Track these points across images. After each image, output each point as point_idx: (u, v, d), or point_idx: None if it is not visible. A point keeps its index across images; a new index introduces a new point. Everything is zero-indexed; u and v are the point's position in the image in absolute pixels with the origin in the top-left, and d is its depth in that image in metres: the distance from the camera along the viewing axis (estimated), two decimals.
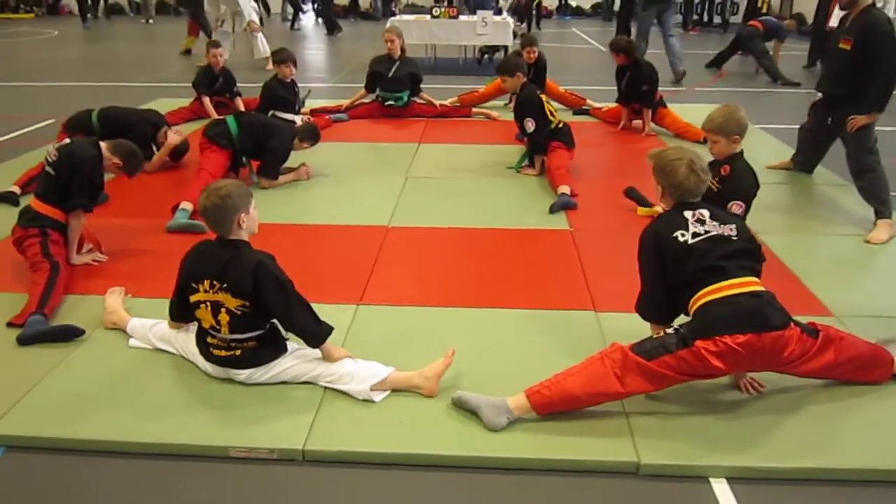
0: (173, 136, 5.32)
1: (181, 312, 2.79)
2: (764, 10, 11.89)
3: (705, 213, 2.59)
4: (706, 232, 2.54)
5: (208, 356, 2.70)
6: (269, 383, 2.68)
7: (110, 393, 2.65)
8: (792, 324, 2.46)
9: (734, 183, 3.40)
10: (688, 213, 2.59)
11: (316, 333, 2.64)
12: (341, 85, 9.28)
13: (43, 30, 15.92)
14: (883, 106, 4.32)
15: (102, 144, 3.72)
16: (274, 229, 3.90)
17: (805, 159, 5.30)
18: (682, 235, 2.54)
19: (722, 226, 2.57)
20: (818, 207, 4.79)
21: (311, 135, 5.12)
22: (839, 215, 4.57)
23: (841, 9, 4.66)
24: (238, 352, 2.63)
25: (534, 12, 15.05)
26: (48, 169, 3.62)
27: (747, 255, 2.56)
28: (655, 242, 2.60)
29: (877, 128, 4.46)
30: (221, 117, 5.22)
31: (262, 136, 4.93)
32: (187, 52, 11.85)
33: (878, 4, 7.96)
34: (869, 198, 4.40)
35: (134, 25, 17.38)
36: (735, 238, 2.55)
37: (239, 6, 10.13)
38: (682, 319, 2.58)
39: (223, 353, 2.65)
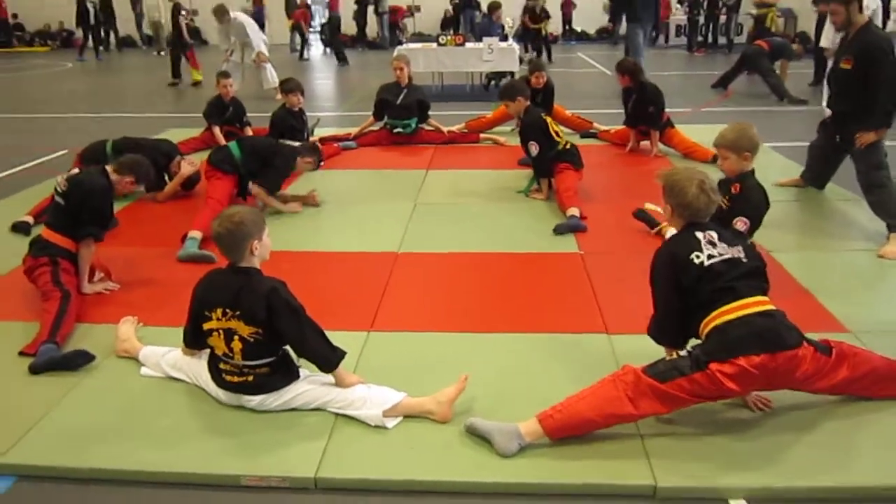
0: (187, 167, 5.37)
1: (194, 340, 2.79)
2: (772, 30, 11.93)
3: (714, 234, 2.59)
4: (720, 254, 2.53)
5: (220, 382, 2.70)
6: (281, 410, 2.67)
7: (122, 422, 2.64)
8: (805, 342, 2.43)
9: (744, 201, 3.40)
10: (699, 234, 2.59)
11: (329, 359, 2.63)
12: (350, 113, 9.36)
13: (57, 62, 16.20)
14: (890, 122, 4.34)
15: (108, 168, 3.74)
16: (284, 256, 3.91)
17: (815, 175, 5.29)
18: (698, 257, 2.53)
19: (730, 248, 2.56)
20: (830, 223, 4.77)
21: (313, 151, 5.16)
22: (851, 230, 4.55)
23: (837, 30, 4.69)
24: (250, 378, 2.63)
25: (542, 44, 15.12)
26: (58, 199, 3.65)
27: (756, 275, 2.56)
28: (671, 264, 2.59)
29: (886, 143, 4.46)
30: (224, 144, 5.25)
31: (267, 156, 4.96)
32: (197, 83, 12.07)
33: (866, 14, 8.03)
34: (880, 212, 4.38)
35: (146, 58, 17.64)
36: (744, 259, 2.54)
37: (248, 37, 10.28)
38: (694, 341, 2.56)
39: (235, 378, 2.65)
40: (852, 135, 4.44)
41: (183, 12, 12.03)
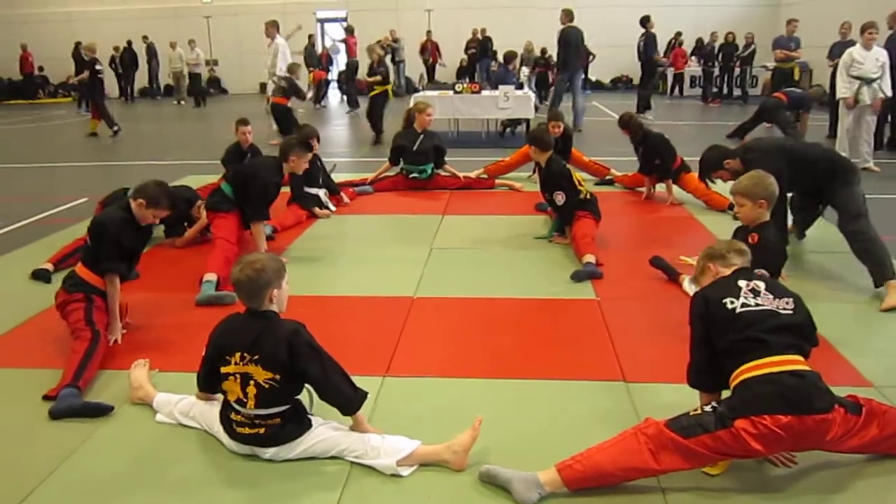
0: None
1: (208, 384, 2.78)
2: (798, 81, 12.00)
3: (761, 284, 2.57)
4: (757, 304, 2.50)
5: (233, 434, 2.67)
6: (295, 459, 2.64)
7: (136, 472, 2.62)
8: (836, 405, 2.37)
9: (762, 252, 3.38)
10: (742, 283, 2.58)
11: (353, 400, 2.62)
12: (366, 159, 9.47)
13: (80, 112, 16.51)
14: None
15: (130, 199, 3.70)
16: (300, 301, 3.89)
17: (799, 219, 5.30)
18: (732, 303, 2.51)
19: (777, 299, 2.53)
20: (831, 273, 4.69)
21: (300, 146, 4.98)
22: (857, 280, 4.43)
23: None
24: (262, 430, 2.61)
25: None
26: (88, 241, 3.70)
27: (794, 331, 2.49)
28: (704, 307, 2.58)
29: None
30: (217, 186, 5.25)
31: (246, 185, 4.87)
32: (93, 134, 12.31)
33: (848, 37, 8.09)
34: (867, 260, 4.31)
35: (167, 107, 17.98)
36: (785, 313, 2.50)
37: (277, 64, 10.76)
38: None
39: (247, 430, 2.63)
40: (831, 195, 4.55)
41: (98, 67, 12.35)
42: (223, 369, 2.62)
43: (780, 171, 4.03)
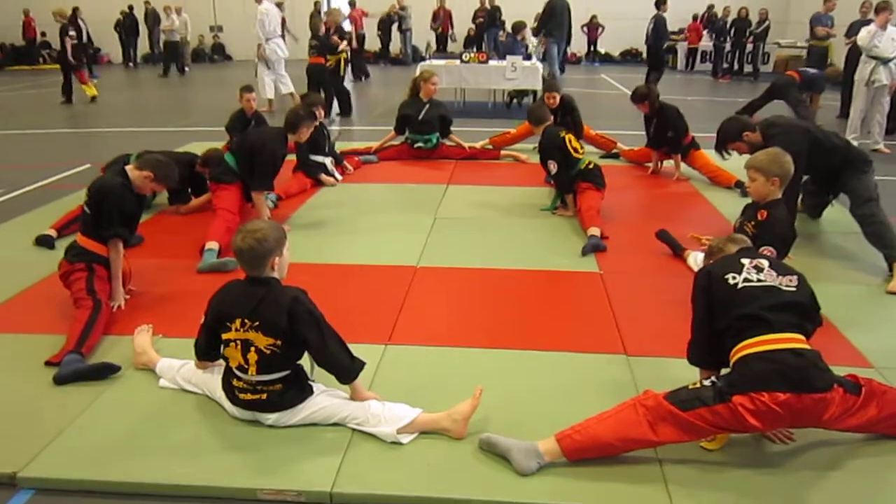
0: None
1: (207, 351, 2.80)
2: (830, 62, 11.84)
3: (764, 262, 2.56)
4: (759, 280, 2.50)
5: (234, 400, 2.69)
6: (297, 425, 2.66)
7: (139, 435, 2.65)
8: (835, 385, 2.37)
9: (770, 229, 3.36)
10: (745, 260, 2.57)
11: (349, 369, 2.63)
12: (371, 127, 9.42)
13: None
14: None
15: (129, 167, 3.73)
16: (303, 269, 3.92)
17: (813, 204, 5.28)
18: (734, 278, 2.51)
19: (780, 277, 2.52)
20: (844, 253, 4.67)
21: (294, 123, 4.90)
22: (867, 261, 4.42)
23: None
24: (264, 395, 2.63)
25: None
26: (85, 208, 3.69)
27: (796, 310, 2.47)
28: (707, 283, 2.58)
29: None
30: (221, 156, 5.25)
31: (252, 155, 4.85)
32: (93, 99, 12.23)
33: (862, 34, 7.98)
34: (876, 243, 4.32)
35: (170, 73, 17.84)
36: (787, 290, 2.49)
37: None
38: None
39: (249, 396, 2.65)
40: (844, 182, 4.55)
41: (71, 33, 12.05)
42: (224, 336, 2.63)
43: (800, 152, 4.00)
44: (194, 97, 13.84)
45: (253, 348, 2.57)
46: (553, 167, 5.25)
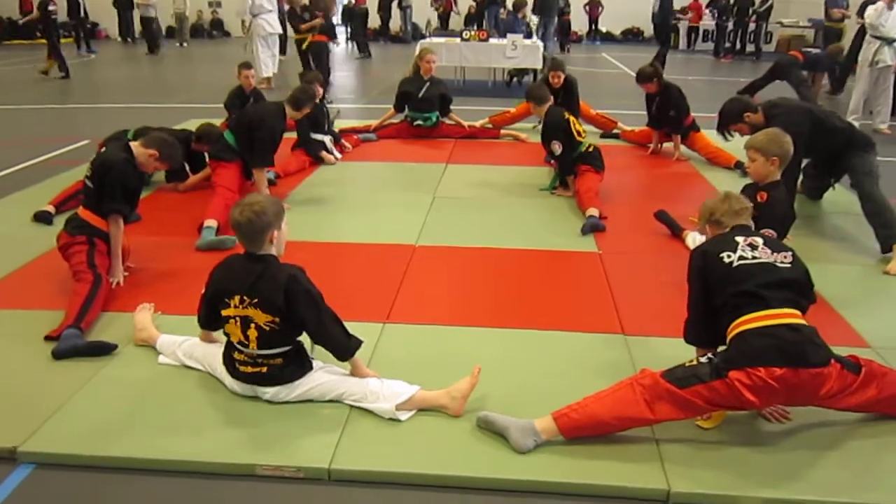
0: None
1: (209, 322, 2.81)
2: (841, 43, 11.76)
3: (759, 240, 2.56)
4: (754, 258, 2.50)
5: (235, 373, 2.70)
6: (295, 401, 2.67)
7: (139, 411, 2.66)
8: (833, 360, 2.38)
9: (770, 211, 3.36)
10: (740, 238, 2.57)
11: (346, 347, 2.64)
12: (370, 105, 9.37)
13: (80, 54, 16.28)
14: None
15: (133, 144, 3.73)
16: (301, 246, 3.92)
17: (813, 186, 5.27)
18: (728, 257, 2.51)
19: (775, 254, 2.52)
20: (842, 234, 4.68)
21: (299, 100, 4.91)
22: (867, 242, 4.42)
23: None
24: (264, 368, 2.64)
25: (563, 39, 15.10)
26: (87, 183, 3.67)
27: (792, 287, 2.48)
28: (702, 262, 2.59)
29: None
30: (216, 132, 5.23)
31: (252, 129, 4.82)
32: (45, 73, 12.22)
33: (869, 10, 7.92)
34: (875, 223, 4.31)
35: (169, 49, 17.72)
36: (783, 267, 2.49)
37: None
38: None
39: (249, 369, 2.66)
40: (845, 162, 4.55)
41: (51, 7, 11.95)
42: (224, 312, 2.64)
43: (802, 133, 3.97)
44: (192, 73, 13.76)
45: (253, 325, 2.58)
46: (557, 147, 5.23)
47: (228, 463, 2.39)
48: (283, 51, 13.25)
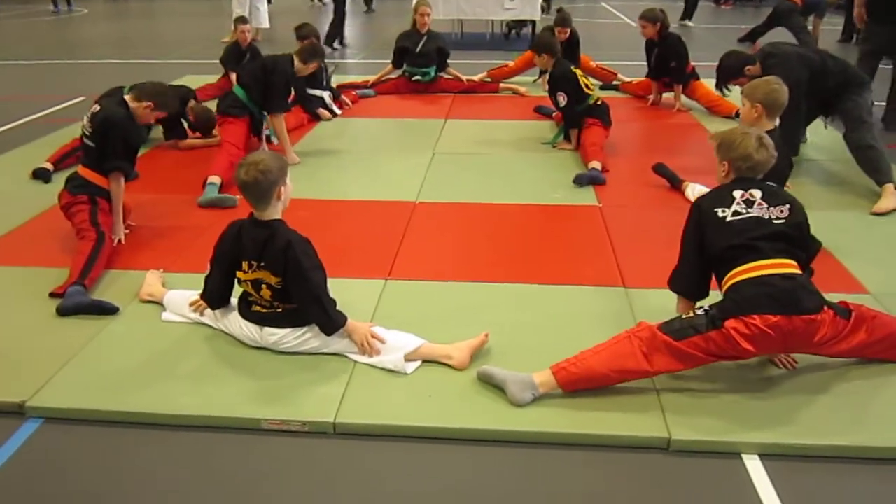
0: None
1: (221, 295, 2.82)
2: None
3: (757, 193, 2.56)
4: (747, 212, 2.51)
5: (247, 314, 2.73)
6: (300, 352, 2.70)
7: (146, 366, 2.69)
8: (825, 307, 2.41)
9: None
10: (737, 193, 2.57)
11: (326, 325, 2.65)
12: (368, 61, 9.25)
13: (74, 8, 16.00)
14: None
15: (128, 97, 3.68)
16: (302, 204, 3.89)
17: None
18: (723, 212, 2.53)
19: (771, 208, 2.52)
20: (838, 180, 4.68)
21: (312, 53, 5.00)
22: (866, 189, 4.40)
23: None
24: (279, 310, 2.68)
25: None
26: (87, 142, 3.64)
27: (787, 239, 2.49)
28: (697, 216, 2.61)
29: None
30: (230, 90, 5.19)
31: (265, 77, 4.86)
32: None
33: None
34: (868, 168, 4.32)
35: (161, 3, 17.41)
36: (777, 222, 2.50)
37: None
38: (713, 299, 2.55)
39: (263, 310, 2.70)
40: (838, 104, 4.49)
41: None
42: (238, 275, 2.69)
43: (799, 81, 3.92)
44: (185, 28, 13.52)
45: (264, 285, 2.63)
46: (563, 99, 5.17)
47: (234, 417, 2.42)
48: None
